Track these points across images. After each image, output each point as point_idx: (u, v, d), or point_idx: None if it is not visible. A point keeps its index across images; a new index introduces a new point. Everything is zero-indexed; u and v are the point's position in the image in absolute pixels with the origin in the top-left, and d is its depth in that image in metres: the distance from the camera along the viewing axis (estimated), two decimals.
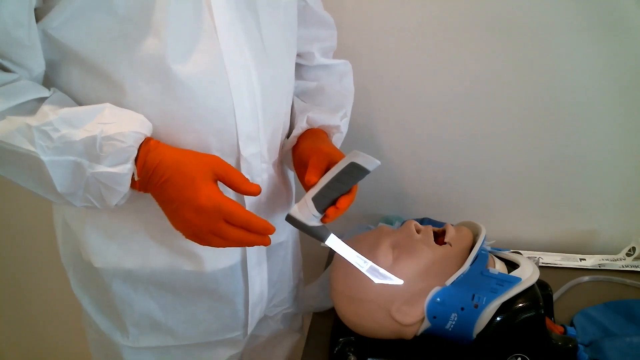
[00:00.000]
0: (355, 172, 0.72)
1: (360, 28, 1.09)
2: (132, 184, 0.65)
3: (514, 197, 1.20)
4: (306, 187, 0.75)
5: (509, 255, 0.89)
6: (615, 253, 1.15)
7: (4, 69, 0.61)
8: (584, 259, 1.15)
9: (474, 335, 0.79)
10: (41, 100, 0.62)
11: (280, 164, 0.87)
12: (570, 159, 1.14)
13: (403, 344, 0.84)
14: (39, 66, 0.63)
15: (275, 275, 0.91)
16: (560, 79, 1.08)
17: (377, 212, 1.26)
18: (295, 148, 0.84)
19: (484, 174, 1.19)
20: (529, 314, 0.77)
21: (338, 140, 0.90)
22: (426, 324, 0.80)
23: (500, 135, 1.15)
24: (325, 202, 0.72)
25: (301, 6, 0.85)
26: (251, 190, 0.68)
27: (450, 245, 0.84)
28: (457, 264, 0.82)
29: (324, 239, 0.73)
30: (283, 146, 0.85)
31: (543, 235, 1.22)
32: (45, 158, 0.60)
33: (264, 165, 0.78)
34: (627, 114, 1.09)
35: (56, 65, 0.65)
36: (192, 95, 0.67)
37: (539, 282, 0.82)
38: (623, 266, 1.12)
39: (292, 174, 0.93)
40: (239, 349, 0.92)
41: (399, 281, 0.76)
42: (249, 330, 0.89)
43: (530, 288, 0.79)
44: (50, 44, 0.62)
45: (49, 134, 0.60)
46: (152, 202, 0.69)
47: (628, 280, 1.08)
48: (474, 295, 0.78)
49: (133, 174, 0.64)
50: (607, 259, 1.14)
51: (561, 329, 0.87)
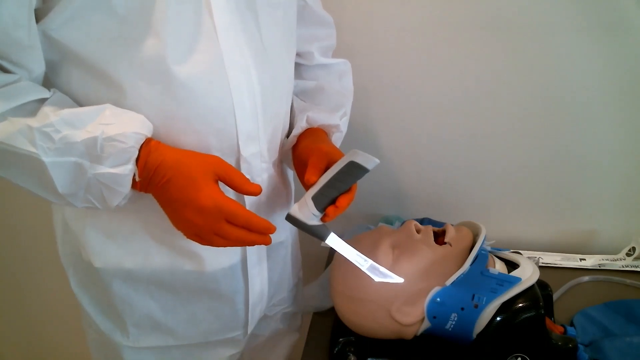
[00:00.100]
0: (354, 171, 0.72)
1: (359, 27, 1.09)
2: (133, 184, 0.65)
3: (514, 197, 1.20)
4: (306, 186, 0.75)
5: (509, 255, 0.89)
6: (615, 253, 1.15)
7: (4, 70, 0.61)
8: (584, 259, 1.15)
9: (474, 336, 0.79)
10: (42, 101, 0.62)
11: (280, 164, 0.87)
12: (570, 159, 1.14)
13: (403, 344, 0.84)
14: (39, 67, 0.63)
15: (275, 274, 0.91)
16: (560, 79, 1.08)
17: (377, 212, 1.26)
18: (295, 147, 0.84)
19: (484, 174, 1.19)
20: (529, 314, 0.77)
21: (338, 139, 0.91)
22: (426, 324, 0.80)
23: (500, 135, 1.15)
24: (325, 201, 0.72)
25: (300, 6, 0.85)
26: (252, 190, 0.69)
27: (450, 245, 0.84)
28: (457, 264, 0.82)
29: (324, 238, 0.73)
30: (283, 146, 0.85)
31: (543, 235, 1.22)
32: (46, 159, 0.60)
33: (264, 165, 0.78)
34: (627, 114, 1.09)
35: (56, 66, 0.65)
36: (192, 96, 0.67)
37: (539, 282, 0.82)
38: (623, 266, 1.12)
39: (291, 173, 0.93)
40: (239, 349, 0.92)
41: (400, 279, 0.76)
42: (249, 329, 0.89)
43: (530, 288, 0.79)
44: (50, 44, 0.62)
45: (50, 135, 0.60)
46: (153, 202, 0.69)
47: (628, 280, 1.08)
48: (474, 295, 0.78)
49: (134, 175, 0.64)
50: (607, 259, 1.14)
51: (561, 329, 0.87)
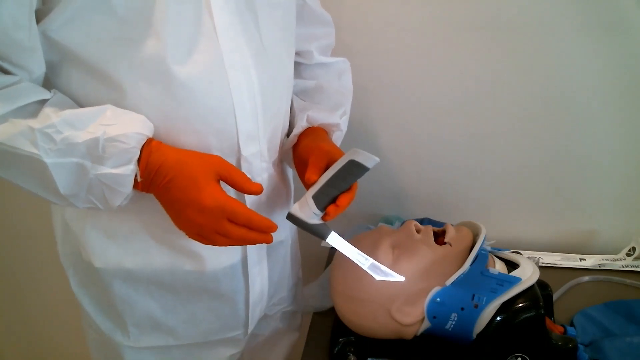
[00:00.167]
0: (354, 170, 0.72)
1: (359, 27, 1.09)
2: (135, 184, 0.65)
3: (514, 197, 1.20)
4: (306, 186, 0.75)
5: (509, 255, 0.89)
6: (615, 253, 1.15)
7: (4, 71, 0.61)
8: (584, 259, 1.15)
9: (474, 335, 0.79)
10: (42, 102, 0.62)
11: (280, 163, 0.87)
12: (570, 159, 1.14)
13: (403, 344, 0.84)
14: (39, 68, 0.63)
15: (275, 273, 0.91)
16: (560, 79, 1.08)
17: (377, 212, 1.25)
18: (295, 146, 0.84)
19: (484, 174, 1.19)
20: (529, 314, 0.77)
21: (338, 138, 0.91)
22: (426, 324, 0.80)
23: (500, 136, 1.15)
24: (325, 200, 0.72)
25: (299, 5, 0.85)
26: (253, 189, 0.69)
27: (450, 245, 0.84)
28: (457, 264, 0.82)
29: (325, 237, 0.73)
30: (283, 145, 0.85)
31: (543, 235, 1.22)
32: (48, 160, 0.60)
33: (264, 165, 0.79)
34: (627, 114, 1.09)
35: (56, 67, 0.65)
36: (192, 96, 0.67)
37: (539, 282, 0.82)
38: (623, 266, 1.12)
39: (291, 172, 0.93)
40: (239, 348, 0.92)
41: (401, 278, 0.76)
42: (250, 329, 0.89)
43: (530, 288, 0.79)
44: (50, 45, 0.62)
45: (52, 136, 0.60)
46: (153, 202, 0.69)
47: (628, 280, 1.08)
48: (474, 295, 0.78)
49: (136, 175, 0.64)
50: (607, 259, 1.14)
51: (561, 329, 0.87)
